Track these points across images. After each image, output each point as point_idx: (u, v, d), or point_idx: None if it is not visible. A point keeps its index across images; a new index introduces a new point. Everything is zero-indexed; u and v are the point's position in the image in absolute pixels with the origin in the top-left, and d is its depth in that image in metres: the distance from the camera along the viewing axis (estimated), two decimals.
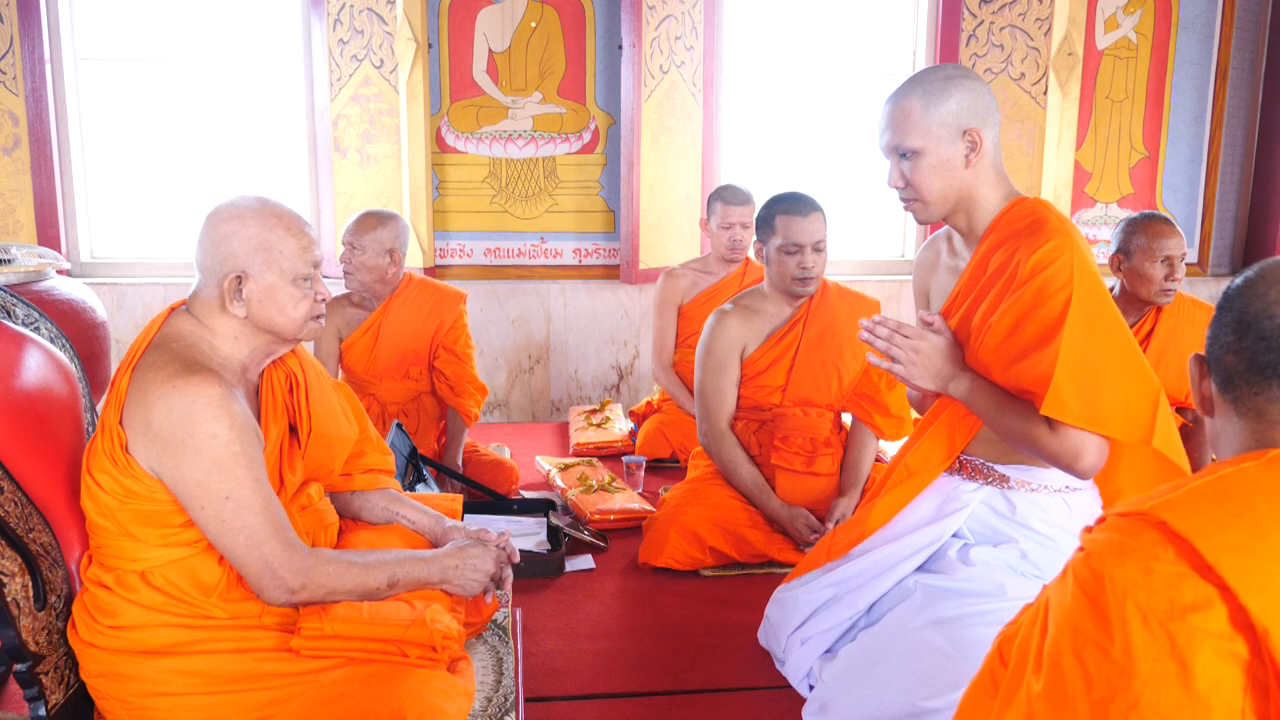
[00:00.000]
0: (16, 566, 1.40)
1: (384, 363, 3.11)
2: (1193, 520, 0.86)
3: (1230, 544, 0.84)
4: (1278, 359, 0.93)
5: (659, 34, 4.27)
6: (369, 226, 2.99)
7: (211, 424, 1.43)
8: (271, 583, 1.50)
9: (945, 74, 1.76)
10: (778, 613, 2.01)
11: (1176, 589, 0.84)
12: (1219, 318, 1.00)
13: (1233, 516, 0.86)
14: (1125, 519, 0.92)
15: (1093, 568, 0.90)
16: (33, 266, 3.27)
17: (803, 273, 2.60)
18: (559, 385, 4.59)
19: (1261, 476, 0.90)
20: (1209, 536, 0.85)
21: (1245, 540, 0.84)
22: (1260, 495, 0.88)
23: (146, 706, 1.47)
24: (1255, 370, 0.94)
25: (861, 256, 4.82)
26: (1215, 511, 0.87)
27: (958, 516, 1.85)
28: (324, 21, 4.22)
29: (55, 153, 4.18)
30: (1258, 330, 0.94)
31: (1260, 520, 0.85)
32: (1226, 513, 0.87)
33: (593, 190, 4.53)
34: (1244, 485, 0.90)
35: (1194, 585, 0.83)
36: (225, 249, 1.54)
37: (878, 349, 1.80)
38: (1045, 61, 4.46)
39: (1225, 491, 0.89)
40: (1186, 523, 0.86)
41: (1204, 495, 0.89)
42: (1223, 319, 0.99)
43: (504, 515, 2.84)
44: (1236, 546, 0.84)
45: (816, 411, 2.71)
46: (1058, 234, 1.67)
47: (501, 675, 1.77)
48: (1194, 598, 0.83)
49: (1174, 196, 4.87)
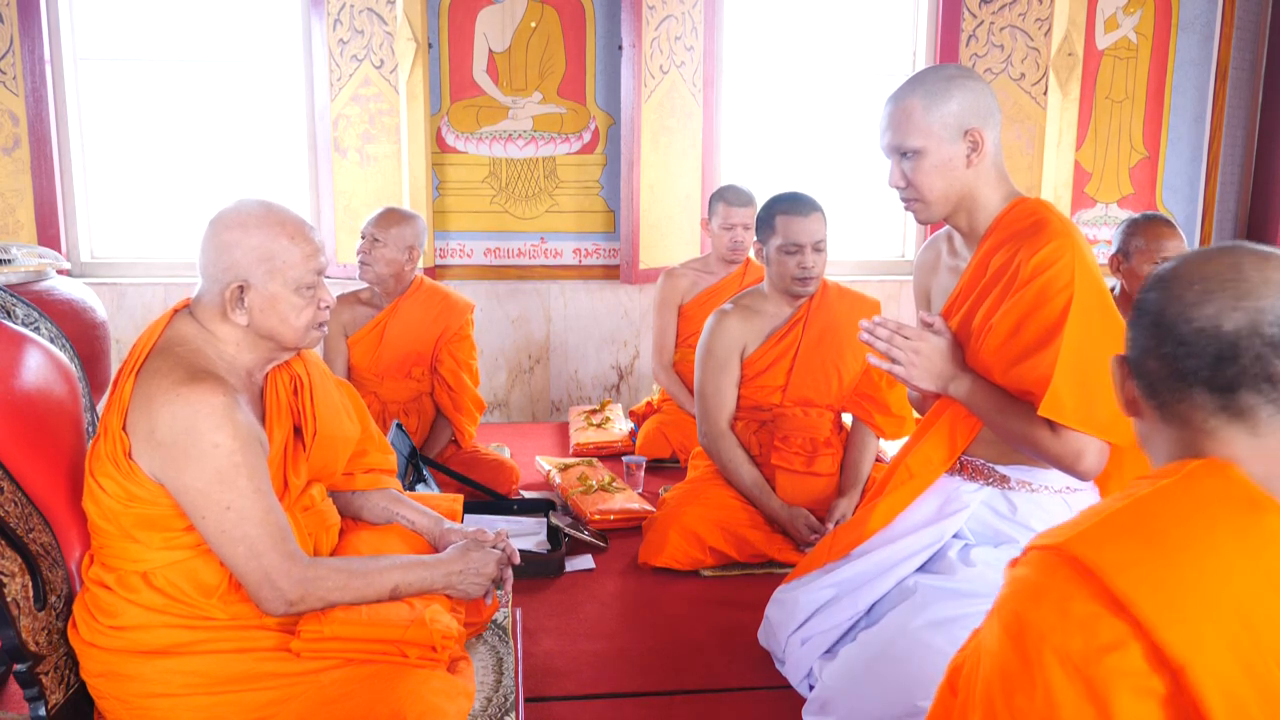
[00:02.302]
0: (16, 566, 1.40)
1: (388, 362, 3.12)
2: (1104, 554, 0.83)
3: (1142, 578, 0.81)
4: (1199, 364, 0.88)
5: (659, 34, 4.27)
6: (394, 221, 3.03)
7: (214, 433, 1.43)
8: (270, 594, 1.49)
9: (947, 74, 1.75)
10: (778, 613, 2.01)
11: (1092, 630, 0.81)
12: (1136, 320, 0.95)
13: (1145, 546, 0.83)
14: (1043, 554, 0.88)
15: (1013, 608, 0.87)
16: (33, 266, 3.27)
17: (803, 273, 2.60)
18: (559, 385, 4.58)
19: (1176, 497, 0.86)
20: (1121, 571, 0.81)
21: (1158, 572, 0.81)
22: (1174, 520, 0.85)
23: (147, 706, 1.47)
24: (1177, 377, 0.90)
25: (861, 256, 4.82)
26: (1127, 542, 0.84)
27: (958, 517, 1.85)
28: (324, 21, 4.21)
29: (55, 153, 4.18)
30: (1176, 335, 0.89)
31: (1173, 548, 0.82)
32: (1139, 542, 0.83)
33: (593, 190, 4.53)
34: (1157, 509, 0.86)
35: (1109, 624, 0.80)
36: (228, 258, 1.53)
37: (878, 350, 1.80)
38: (1045, 61, 4.46)
39: (1138, 518, 0.86)
40: (1098, 557, 0.83)
41: (1116, 524, 0.86)
42: (1140, 322, 0.94)
43: (504, 515, 2.84)
44: (1149, 580, 0.81)
45: (816, 411, 2.70)
46: (1059, 235, 1.67)
47: (501, 675, 1.77)
48: (1110, 637, 0.80)
49: (1174, 196, 4.86)
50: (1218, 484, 0.86)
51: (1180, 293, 0.90)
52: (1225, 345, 0.86)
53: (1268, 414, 0.87)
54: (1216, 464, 0.88)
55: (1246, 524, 0.83)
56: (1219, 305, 0.87)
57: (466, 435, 3.18)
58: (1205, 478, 0.87)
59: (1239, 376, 0.86)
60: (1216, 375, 0.87)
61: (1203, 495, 0.86)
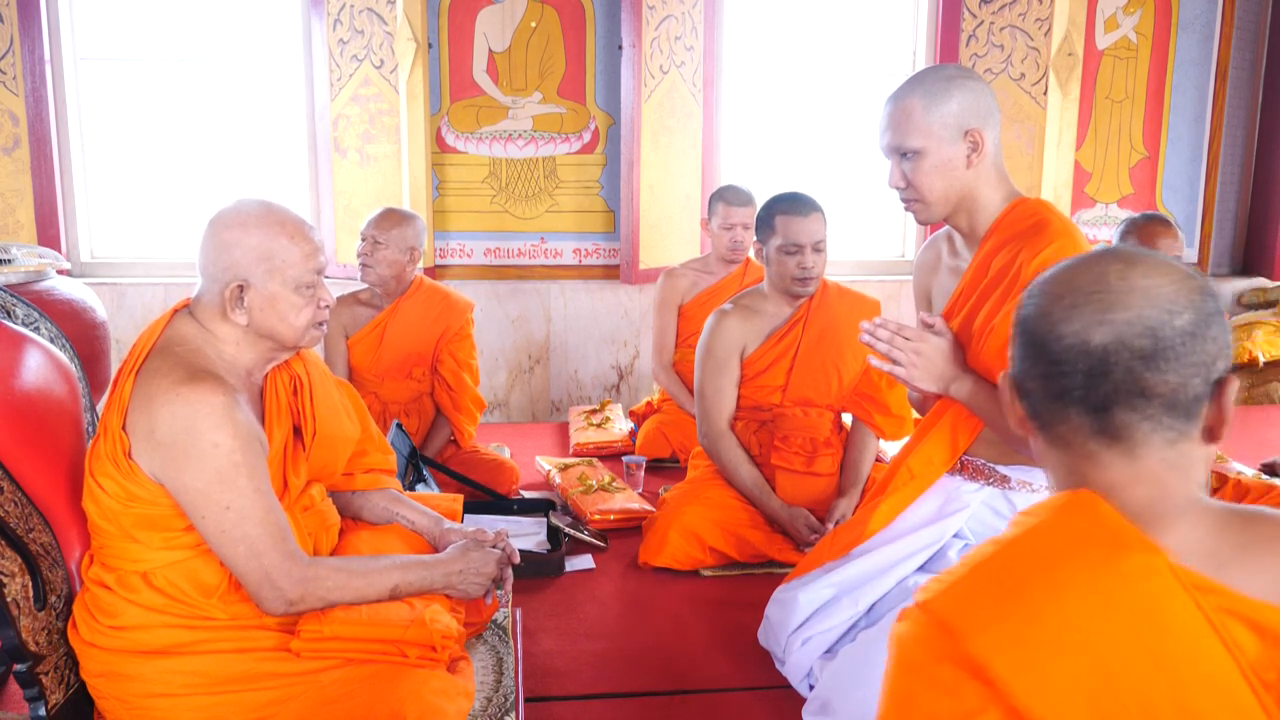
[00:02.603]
0: (16, 566, 1.40)
1: (388, 362, 3.12)
2: (963, 614, 0.80)
3: (999, 639, 0.77)
4: (1072, 383, 0.83)
5: (659, 34, 4.27)
6: (394, 222, 3.03)
7: (214, 433, 1.43)
8: (270, 593, 1.49)
9: (946, 74, 1.75)
10: (778, 613, 2.01)
11: (957, 695, 0.78)
12: (1014, 337, 0.90)
13: (1003, 601, 0.79)
14: (917, 611, 0.85)
15: (889, 670, 0.85)
16: (33, 266, 3.27)
17: (803, 273, 2.60)
18: (559, 385, 4.58)
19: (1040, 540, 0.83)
20: (978, 633, 0.78)
21: (1015, 630, 0.78)
22: (1035, 568, 0.81)
23: (146, 706, 1.47)
24: (1053, 397, 0.85)
25: (861, 256, 4.82)
26: (986, 599, 0.80)
27: (959, 517, 1.85)
28: (324, 21, 4.21)
29: (55, 153, 4.18)
30: (1048, 354, 0.85)
31: (1033, 601, 0.78)
32: (997, 598, 0.80)
33: (593, 190, 4.53)
34: (1020, 556, 0.83)
35: (972, 689, 0.77)
36: (227, 257, 1.53)
37: (879, 351, 1.80)
38: (1045, 61, 4.46)
39: (1001, 568, 0.82)
40: (958, 618, 0.80)
41: (979, 578, 0.83)
42: (1017, 339, 0.89)
43: (504, 515, 2.84)
44: (1005, 640, 0.77)
45: (816, 411, 2.70)
46: (1061, 236, 1.67)
47: (501, 675, 1.77)
48: (973, 703, 0.77)
49: (1174, 196, 4.86)
50: (1083, 522, 0.82)
51: (1049, 308, 0.85)
52: (1095, 361, 0.82)
53: (1144, 433, 0.82)
54: (1084, 499, 0.84)
55: (1106, 567, 0.79)
56: (1086, 319, 0.83)
57: (466, 435, 3.18)
58: (1073, 514, 0.83)
59: (1112, 394, 0.82)
60: (1090, 394, 0.83)
61: (1067, 536, 0.82)
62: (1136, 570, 0.78)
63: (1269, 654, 0.76)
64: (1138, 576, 0.78)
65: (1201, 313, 0.82)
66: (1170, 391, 0.81)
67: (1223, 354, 0.83)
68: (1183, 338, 0.81)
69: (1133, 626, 0.76)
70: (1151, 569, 0.78)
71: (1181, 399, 0.82)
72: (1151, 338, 0.81)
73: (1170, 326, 0.81)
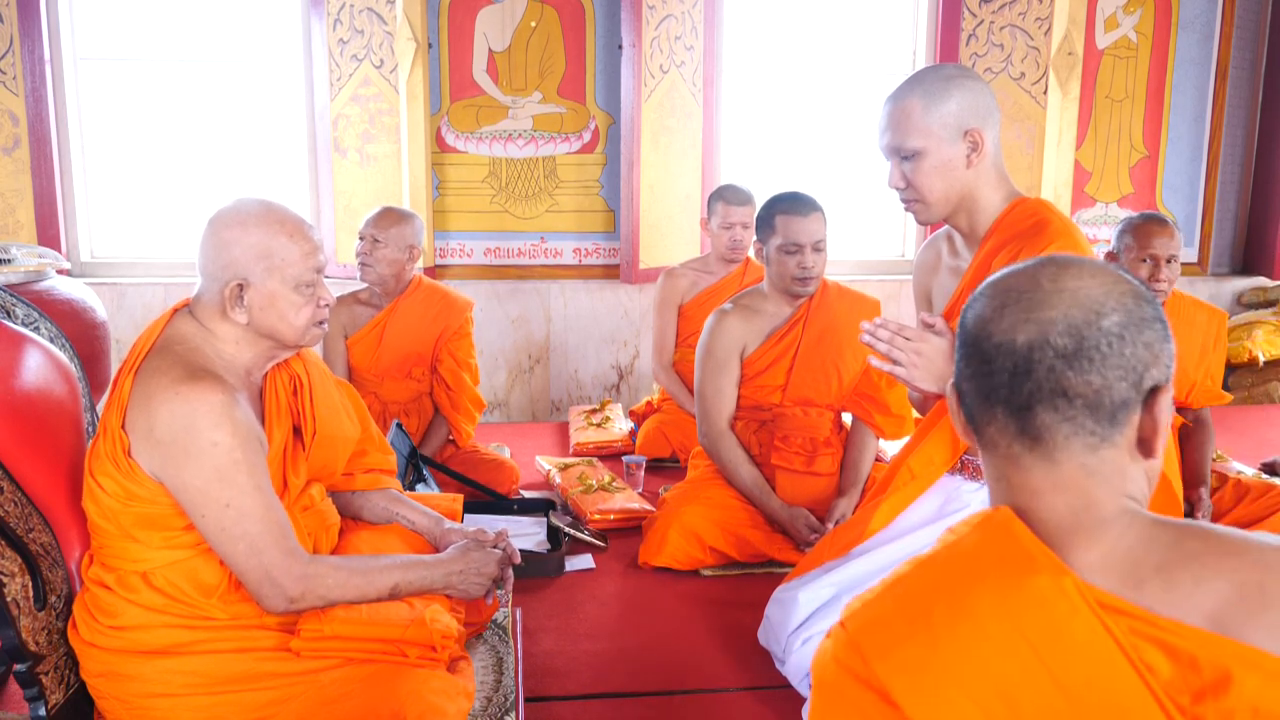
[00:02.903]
0: (16, 566, 1.40)
1: (387, 362, 3.12)
2: (871, 637, 0.79)
3: (903, 663, 0.77)
4: (999, 382, 0.82)
5: (659, 34, 4.27)
6: (393, 221, 3.03)
7: (213, 431, 1.43)
8: (271, 591, 1.49)
9: (945, 74, 1.75)
10: (778, 613, 2.01)
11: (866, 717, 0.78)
12: (956, 342, 0.90)
13: (910, 624, 0.78)
14: (838, 629, 0.84)
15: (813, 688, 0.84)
16: (33, 266, 3.27)
17: (803, 273, 2.59)
18: (559, 385, 4.58)
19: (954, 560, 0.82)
20: (883, 657, 0.78)
21: (918, 654, 0.77)
22: (943, 590, 0.79)
23: (146, 706, 1.47)
24: (982, 397, 0.85)
25: (861, 256, 4.82)
26: (895, 620, 0.79)
27: (959, 516, 1.85)
28: (324, 21, 4.21)
29: (55, 153, 4.18)
30: (980, 353, 0.84)
31: (936, 625, 0.77)
32: (905, 620, 0.79)
33: (593, 190, 4.53)
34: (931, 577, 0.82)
35: (879, 712, 0.77)
36: (227, 256, 1.53)
37: (879, 351, 1.79)
38: (1045, 61, 4.46)
39: (910, 590, 0.82)
40: (866, 640, 0.79)
41: (890, 599, 0.82)
42: (958, 343, 0.89)
43: (504, 515, 2.84)
44: (909, 664, 0.76)
45: (816, 411, 2.70)
46: (1061, 236, 1.67)
47: (501, 675, 1.77)
48: None
49: (1174, 196, 4.86)
50: (995, 541, 0.81)
51: (982, 309, 0.86)
52: (1020, 359, 0.81)
53: (1064, 435, 0.81)
54: (1000, 518, 0.82)
55: (1012, 589, 0.77)
56: (1013, 318, 0.82)
57: (464, 435, 3.18)
58: (987, 533, 0.82)
59: (1034, 393, 0.81)
60: (1014, 393, 0.82)
61: (978, 557, 0.81)
62: (1043, 593, 0.76)
63: (1182, 676, 0.74)
64: (1044, 599, 0.76)
65: (1133, 317, 0.81)
66: (1093, 393, 0.80)
67: (1157, 364, 0.81)
68: (1109, 339, 0.80)
69: (1037, 650, 0.74)
70: (1058, 591, 0.76)
71: (1105, 402, 0.80)
72: (1075, 337, 0.80)
73: (1095, 327, 0.80)
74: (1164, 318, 0.83)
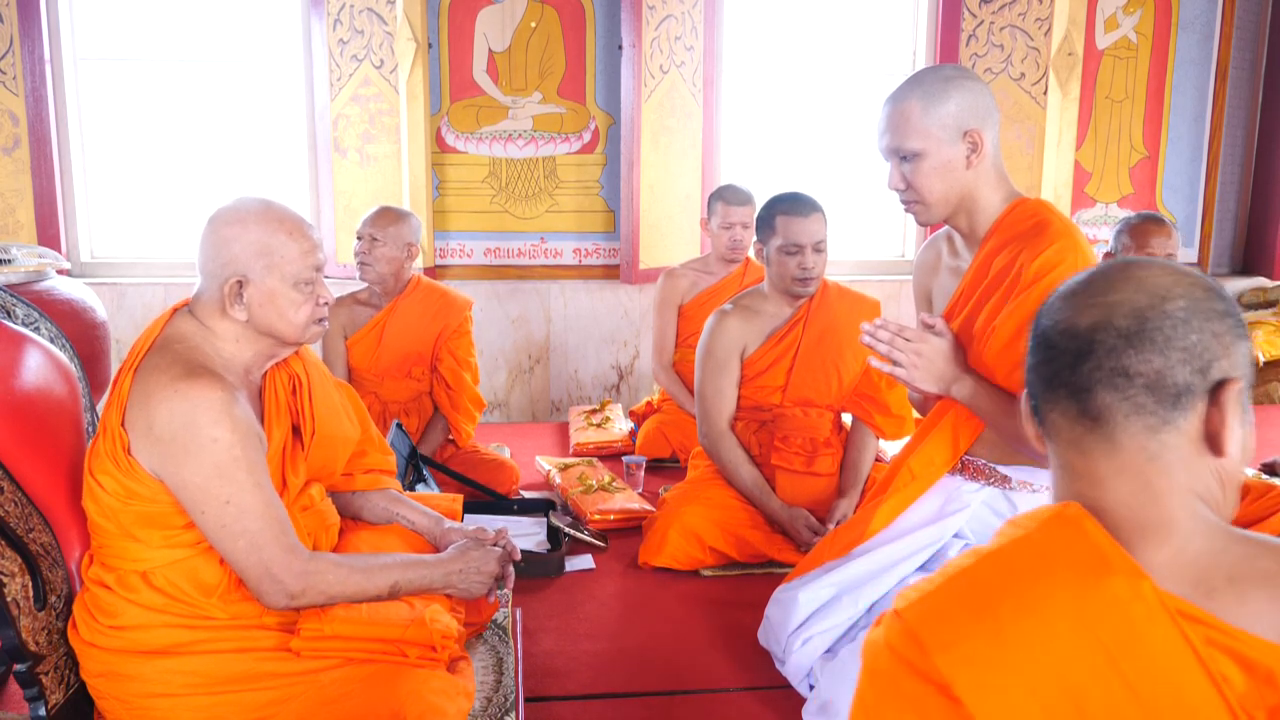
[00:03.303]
0: (16, 566, 1.40)
1: (387, 362, 3.12)
2: (933, 629, 0.78)
3: (966, 657, 0.75)
4: (1061, 366, 0.83)
5: (659, 34, 4.27)
6: (391, 220, 3.04)
7: (213, 428, 1.43)
8: (271, 587, 1.49)
9: (944, 75, 1.75)
10: (778, 613, 2.01)
11: (921, 709, 0.77)
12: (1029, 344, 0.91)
13: (974, 619, 0.77)
14: (891, 618, 0.83)
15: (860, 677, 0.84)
16: (33, 266, 3.27)
17: (803, 273, 2.60)
18: (559, 385, 4.58)
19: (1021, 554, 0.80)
20: (945, 650, 0.76)
21: (983, 650, 0.75)
22: (1011, 586, 0.78)
23: (146, 706, 1.47)
24: (1045, 384, 0.86)
25: (861, 256, 4.82)
26: (959, 614, 0.78)
27: (959, 517, 1.85)
28: (324, 21, 4.21)
29: (55, 153, 4.18)
30: (1046, 342, 0.86)
31: (1004, 621, 0.76)
32: (969, 614, 0.78)
33: (593, 190, 4.53)
34: (997, 572, 0.80)
35: (936, 704, 0.76)
36: (227, 253, 1.54)
37: (879, 352, 1.80)
38: (1045, 61, 4.46)
39: (975, 584, 0.80)
40: (927, 632, 0.78)
41: (953, 591, 0.81)
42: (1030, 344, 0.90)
43: (504, 515, 2.84)
44: (973, 659, 0.75)
45: (816, 412, 2.70)
46: (1061, 236, 1.67)
47: (501, 675, 1.77)
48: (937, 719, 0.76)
49: (1174, 196, 4.86)
50: (1067, 539, 0.79)
51: (1052, 302, 0.88)
52: (1082, 342, 0.82)
53: (1124, 414, 0.80)
54: (1071, 514, 0.81)
55: (1087, 589, 0.76)
56: (1079, 304, 0.84)
57: (464, 435, 3.18)
58: (1057, 530, 0.81)
59: (1094, 372, 0.81)
60: (1076, 375, 0.82)
61: (1048, 553, 0.79)
62: (1118, 595, 0.75)
63: (1258, 691, 0.72)
64: (1119, 601, 0.75)
65: (1200, 306, 0.81)
66: (1154, 373, 0.79)
67: (1228, 356, 0.80)
68: (1172, 322, 0.80)
69: (1110, 654, 0.73)
70: (1134, 593, 0.75)
71: (1166, 384, 0.79)
72: (1138, 319, 0.80)
73: (1158, 310, 0.80)
74: (1239, 315, 0.83)
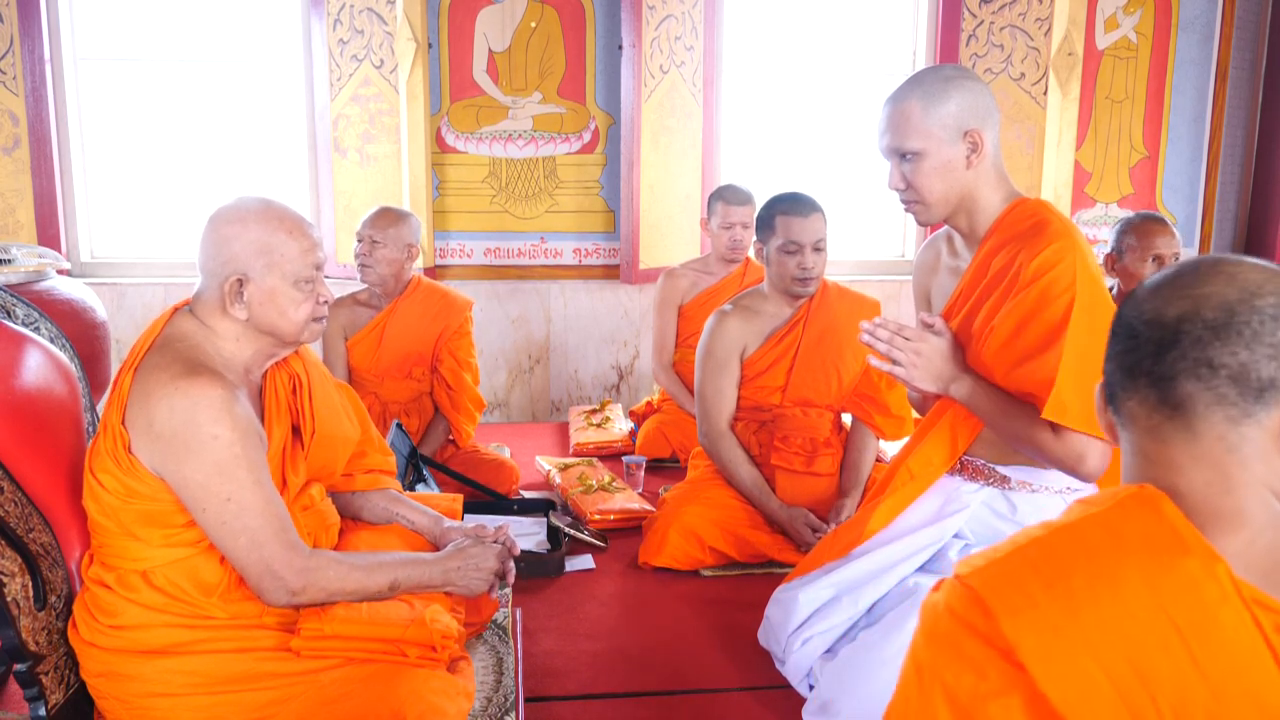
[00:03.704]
0: (16, 566, 1.40)
1: (387, 362, 3.12)
2: (1001, 594, 0.79)
3: (1034, 624, 0.76)
4: (1144, 355, 0.84)
5: (659, 34, 4.27)
6: (390, 221, 3.04)
7: (213, 426, 1.43)
8: (272, 584, 1.50)
9: (944, 75, 1.75)
10: (778, 613, 2.01)
11: (982, 672, 0.77)
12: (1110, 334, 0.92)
13: (1046, 588, 0.78)
14: (954, 584, 0.84)
15: (917, 638, 0.84)
16: (33, 266, 3.27)
17: (803, 273, 2.60)
18: (559, 385, 4.59)
19: (1096, 530, 0.81)
20: (1013, 615, 0.77)
21: (1054, 618, 0.76)
22: (1084, 559, 0.79)
23: (146, 706, 1.47)
24: (1125, 372, 0.86)
25: (861, 256, 4.82)
26: (1028, 582, 0.79)
27: (959, 517, 1.85)
28: (324, 21, 4.21)
29: (55, 153, 4.18)
30: (1128, 330, 0.87)
31: (1076, 592, 0.77)
32: (1040, 583, 0.78)
33: (593, 190, 4.53)
34: (1071, 545, 0.81)
35: (998, 669, 0.77)
36: (227, 251, 1.54)
37: (879, 351, 1.80)
38: (1045, 61, 4.46)
39: (1047, 554, 0.81)
40: (995, 598, 0.79)
41: (1023, 560, 0.81)
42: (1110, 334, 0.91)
43: (504, 515, 2.84)
44: (1041, 626, 0.76)
45: (816, 412, 2.70)
46: (1060, 237, 1.67)
47: (501, 675, 1.78)
48: (997, 683, 0.76)
49: (1174, 196, 4.87)
50: (1143, 519, 0.81)
51: (1137, 293, 0.88)
52: (1168, 332, 0.82)
53: (1205, 404, 0.81)
54: (1149, 495, 0.82)
55: (1161, 567, 0.77)
56: (1167, 295, 0.84)
57: (464, 435, 3.18)
58: (1133, 509, 0.82)
59: (1178, 361, 0.81)
60: (1158, 363, 0.83)
61: (1124, 530, 0.80)
62: (1194, 575, 0.76)
63: None
64: (1194, 583, 0.76)
65: None
66: (1238, 366, 0.79)
67: None
68: (1260, 318, 0.80)
69: (1180, 632, 0.74)
70: (1209, 576, 0.76)
71: (1250, 378, 0.79)
72: (1226, 311, 0.80)
73: (1248, 305, 0.80)
74: None
